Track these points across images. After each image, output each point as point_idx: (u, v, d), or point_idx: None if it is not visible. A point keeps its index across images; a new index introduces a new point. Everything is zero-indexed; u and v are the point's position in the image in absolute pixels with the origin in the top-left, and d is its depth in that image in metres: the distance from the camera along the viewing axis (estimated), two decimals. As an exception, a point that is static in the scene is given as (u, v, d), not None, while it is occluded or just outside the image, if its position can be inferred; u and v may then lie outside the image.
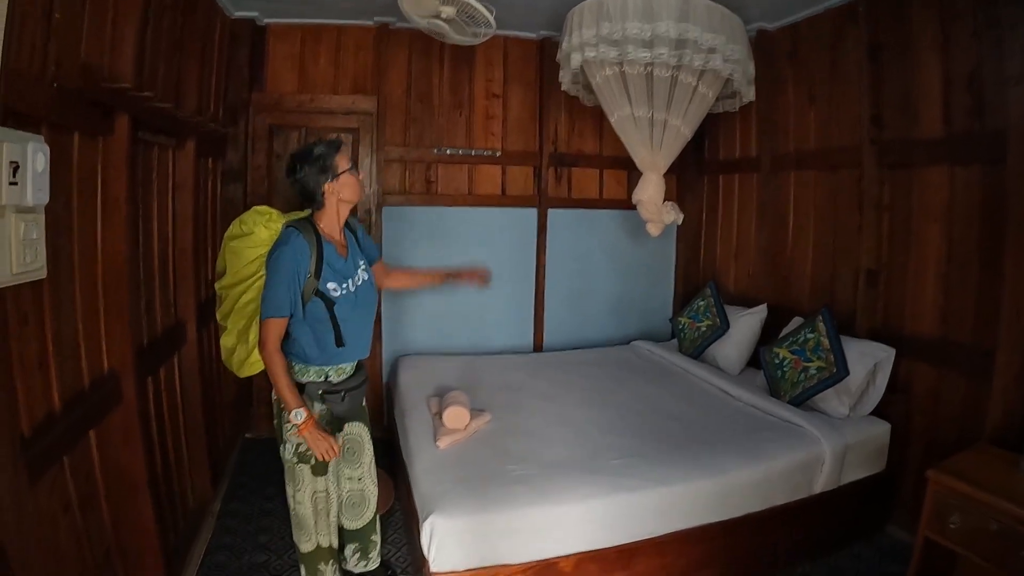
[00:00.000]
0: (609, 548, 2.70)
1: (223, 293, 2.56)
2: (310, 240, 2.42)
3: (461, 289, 4.80)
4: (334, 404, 2.55)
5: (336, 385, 2.56)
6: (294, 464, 2.56)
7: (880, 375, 3.48)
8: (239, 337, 2.58)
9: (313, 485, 2.60)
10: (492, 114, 4.94)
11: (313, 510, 2.63)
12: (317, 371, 2.53)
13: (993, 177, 3.06)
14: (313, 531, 2.66)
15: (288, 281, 2.35)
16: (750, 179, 4.86)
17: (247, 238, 2.47)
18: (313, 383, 2.52)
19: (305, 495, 2.60)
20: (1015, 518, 2.32)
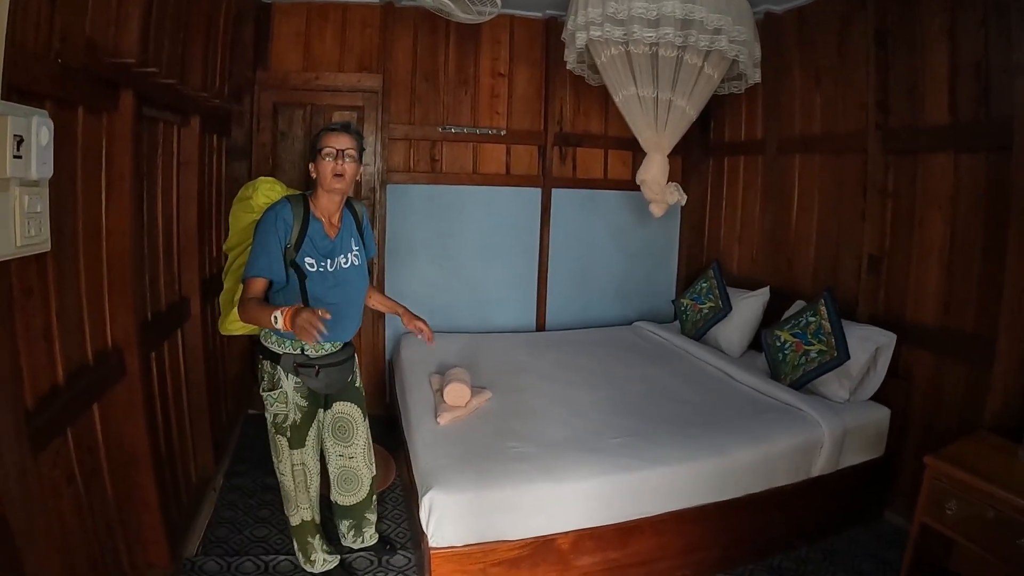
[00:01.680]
0: (607, 526, 2.73)
1: (226, 252, 2.72)
2: (297, 212, 2.45)
3: (465, 269, 4.87)
4: (307, 377, 2.54)
5: (312, 359, 2.54)
6: (273, 435, 2.63)
7: (881, 360, 3.48)
8: (230, 298, 2.68)
9: (291, 457, 2.64)
10: (497, 93, 4.91)
11: (293, 482, 2.67)
12: (293, 344, 2.53)
13: (998, 165, 3.05)
14: (296, 507, 2.72)
15: (268, 245, 2.38)
16: (755, 162, 4.84)
17: (246, 203, 2.60)
18: (288, 354, 2.52)
19: (286, 466, 2.65)
20: (1012, 507, 2.31)
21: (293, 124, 4.44)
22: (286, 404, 2.57)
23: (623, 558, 2.78)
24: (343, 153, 2.44)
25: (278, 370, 2.53)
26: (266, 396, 2.57)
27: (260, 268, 2.38)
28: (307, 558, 2.80)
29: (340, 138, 2.45)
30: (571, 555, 2.69)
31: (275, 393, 2.55)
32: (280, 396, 2.55)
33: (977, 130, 3.15)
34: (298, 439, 2.62)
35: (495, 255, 5.02)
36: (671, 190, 4.16)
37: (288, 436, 2.60)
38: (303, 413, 2.61)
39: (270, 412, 2.59)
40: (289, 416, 2.58)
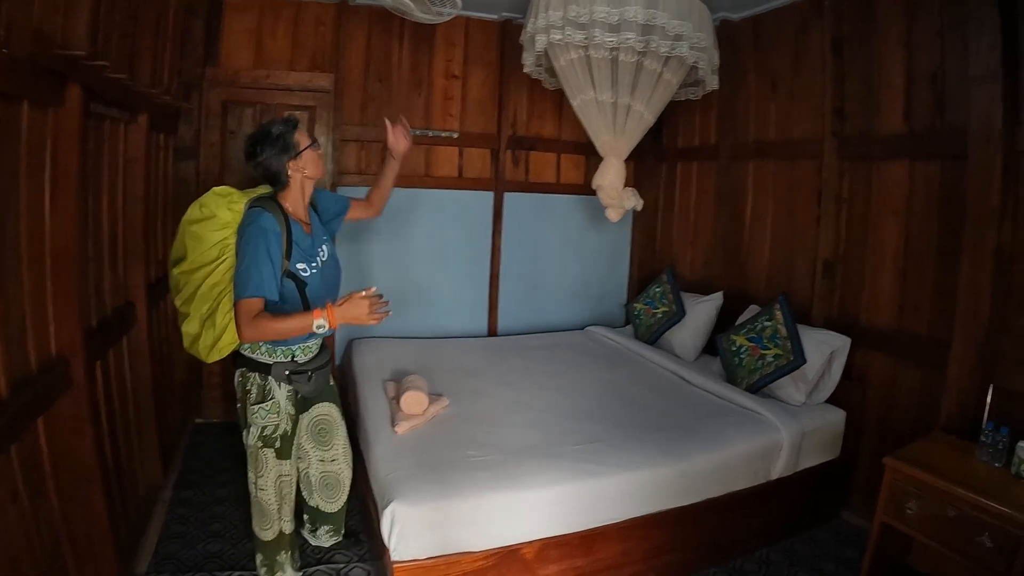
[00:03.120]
0: (571, 534, 2.70)
1: (183, 279, 2.44)
2: (279, 220, 2.39)
3: (415, 273, 4.81)
4: (300, 384, 2.54)
5: (302, 365, 2.54)
6: (258, 449, 2.50)
7: (836, 363, 3.55)
8: (203, 323, 2.44)
9: (278, 469, 2.54)
10: (451, 95, 4.88)
11: (277, 496, 2.57)
12: (284, 351, 2.50)
13: (952, 173, 3.14)
14: (276, 518, 2.60)
15: (266, 260, 2.30)
16: (708, 167, 4.90)
17: (209, 221, 2.37)
18: (280, 363, 2.49)
19: (268, 480, 2.53)
20: (972, 504, 2.39)
21: (243, 123, 4.31)
22: (278, 415, 2.49)
23: (588, 565, 2.77)
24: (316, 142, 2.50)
25: (269, 380, 2.47)
26: (256, 410, 2.46)
27: (256, 287, 2.28)
28: (272, 572, 2.67)
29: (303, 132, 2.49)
30: (536, 564, 2.66)
31: (267, 405, 2.47)
32: (272, 407, 2.48)
33: (932, 138, 3.24)
34: (286, 449, 2.55)
35: (447, 259, 4.97)
36: (628, 195, 4.18)
37: (276, 447, 2.51)
38: (292, 422, 2.56)
39: (257, 426, 2.47)
40: (280, 427, 2.50)
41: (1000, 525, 2.32)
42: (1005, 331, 2.85)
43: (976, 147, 2.88)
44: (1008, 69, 2.76)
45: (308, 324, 2.27)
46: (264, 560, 2.67)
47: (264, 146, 2.40)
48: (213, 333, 2.43)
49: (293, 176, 2.46)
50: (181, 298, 2.48)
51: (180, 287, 2.46)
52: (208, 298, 2.41)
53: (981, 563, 2.37)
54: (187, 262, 2.41)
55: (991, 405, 2.76)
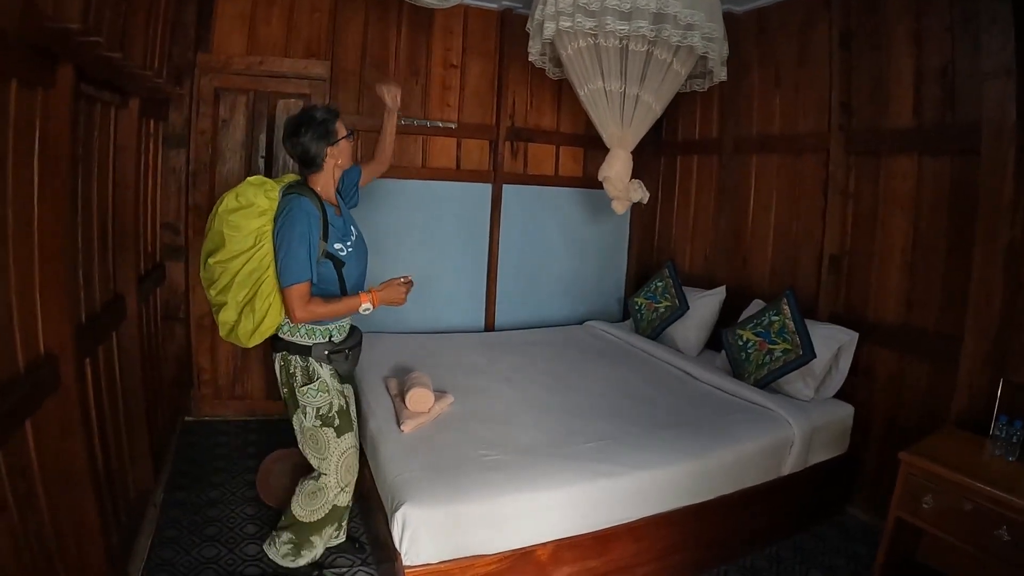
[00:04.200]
0: (585, 534, 2.58)
1: (218, 268, 2.44)
2: (315, 203, 2.44)
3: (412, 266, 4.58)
4: (339, 363, 2.57)
5: (339, 345, 2.57)
6: (317, 429, 2.51)
7: (843, 358, 3.48)
8: (241, 309, 2.47)
9: (339, 447, 2.55)
10: (449, 85, 4.70)
11: (338, 474, 2.55)
12: (323, 332, 2.53)
13: (962, 168, 3.07)
14: (332, 497, 2.57)
15: (306, 245, 2.37)
16: (710, 161, 4.80)
17: (248, 209, 2.41)
18: (319, 344, 2.51)
19: (332, 462, 2.54)
20: (989, 498, 2.34)
21: (235, 111, 4.09)
22: (328, 392, 2.52)
23: (602, 566, 2.64)
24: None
25: (310, 361, 2.50)
26: (306, 391, 2.48)
27: (302, 272, 2.35)
28: (297, 553, 2.64)
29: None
30: (550, 566, 2.53)
31: (315, 384, 2.50)
32: (321, 386, 2.50)
33: (942, 133, 3.16)
34: (347, 422, 2.59)
35: (444, 252, 4.81)
36: (634, 187, 4.04)
37: (336, 424, 2.53)
38: (344, 398, 2.61)
39: (312, 407, 2.50)
40: (334, 403, 2.53)
41: (1018, 519, 2.27)
42: (1016, 326, 2.79)
43: (988, 142, 2.80)
44: (1021, 64, 2.67)
45: (356, 306, 2.44)
46: (293, 539, 2.62)
47: (308, 128, 2.44)
48: (253, 319, 2.46)
49: (328, 162, 2.51)
50: (217, 287, 2.47)
51: (215, 277, 2.46)
52: (246, 285, 2.44)
53: (998, 557, 2.32)
54: (224, 251, 2.41)
55: (1001, 399, 2.70)
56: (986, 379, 2.83)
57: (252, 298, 2.44)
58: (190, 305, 4.08)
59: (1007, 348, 2.80)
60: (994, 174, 2.78)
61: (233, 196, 2.43)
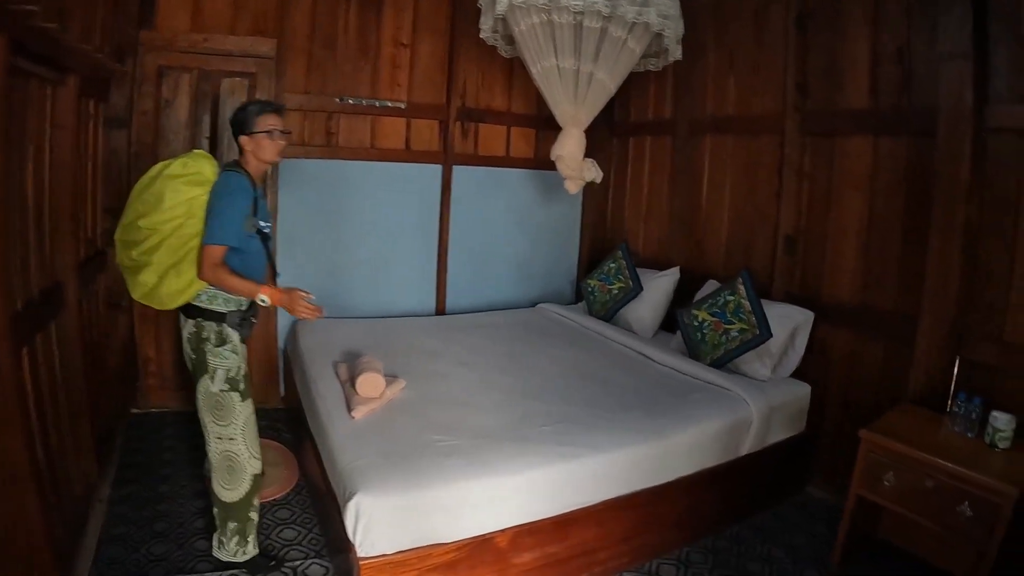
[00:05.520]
0: (545, 519, 2.53)
1: (148, 230, 2.49)
2: (249, 182, 2.56)
3: (360, 249, 4.55)
4: (244, 330, 2.65)
5: (246, 312, 2.66)
6: (224, 394, 2.56)
7: (799, 338, 3.47)
8: (164, 273, 2.53)
9: (245, 411, 2.60)
10: (399, 63, 4.56)
11: (245, 440, 2.61)
12: (236, 301, 2.61)
13: (918, 150, 3.07)
14: (247, 466, 2.60)
15: (239, 215, 2.48)
16: (663, 142, 4.76)
17: (192, 177, 2.51)
18: (234, 312, 2.60)
19: (237, 427, 2.58)
20: (951, 475, 2.38)
21: (179, 91, 3.90)
22: (238, 355, 2.60)
23: (563, 551, 2.59)
24: (283, 133, 2.62)
25: (224, 327, 2.57)
26: (218, 352, 2.56)
27: (227, 236, 2.45)
28: (244, 538, 2.64)
29: (279, 119, 2.62)
30: (510, 553, 2.46)
31: (228, 346, 2.57)
32: (232, 348, 2.58)
33: (898, 115, 3.17)
34: (248, 390, 2.65)
35: (393, 235, 4.69)
36: (588, 167, 3.99)
37: (241, 389, 2.59)
38: (246, 363, 2.68)
39: (222, 369, 2.55)
40: (242, 367, 2.61)
41: (980, 494, 2.28)
42: (972, 306, 2.82)
43: (945, 125, 2.82)
44: (978, 47, 2.70)
45: (254, 292, 2.48)
46: (237, 526, 2.62)
47: (236, 115, 2.59)
48: (178, 281, 2.53)
49: (247, 150, 2.59)
50: (141, 249, 2.51)
51: (142, 239, 2.50)
52: (175, 250, 2.51)
53: (961, 532, 2.35)
54: (158, 212, 2.46)
55: (957, 377, 2.76)
56: (943, 357, 2.87)
57: (179, 262, 2.52)
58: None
59: (963, 327, 2.83)
60: (951, 156, 2.81)
61: (181, 164, 2.53)
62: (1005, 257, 2.72)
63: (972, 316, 2.82)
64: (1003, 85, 2.70)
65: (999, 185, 2.73)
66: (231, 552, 2.63)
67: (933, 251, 2.88)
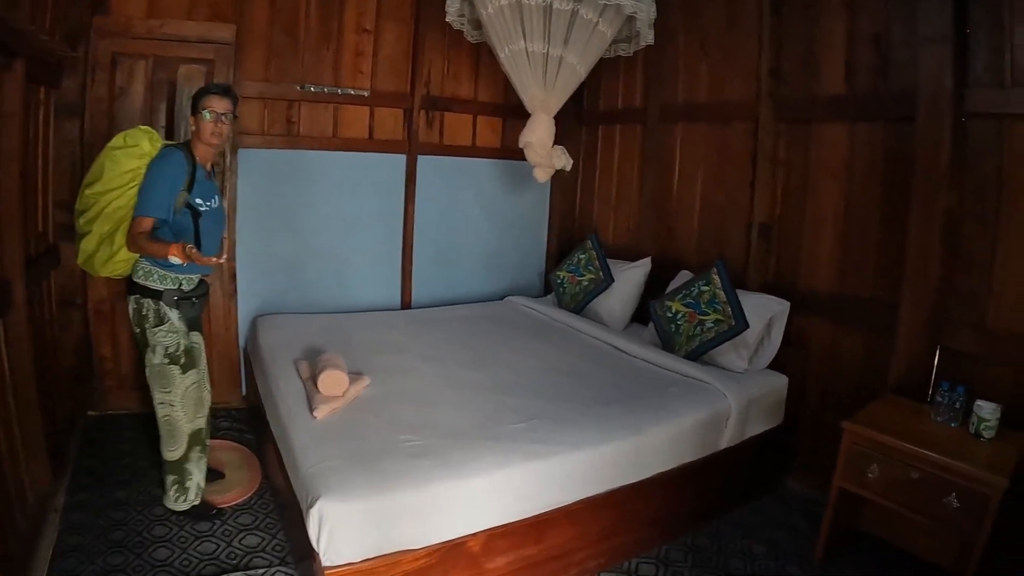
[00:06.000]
0: (519, 521, 2.41)
1: (92, 199, 2.69)
2: (187, 158, 2.67)
3: (323, 242, 4.40)
4: (186, 310, 2.77)
5: (187, 292, 2.77)
6: (164, 366, 2.72)
7: (775, 328, 3.41)
8: (101, 240, 2.72)
9: (184, 382, 2.77)
10: (362, 51, 4.40)
11: (184, 407, 2.78)
12: (173, 279, 2.72)
13: (896, 135, 3.02)
14: (185, 431, 2.80)
15: (167, 188, 2.59)
16: (633, 130, 4.66)
17: (131, 149, 2.64)
18: (170, 290, 2.71)
19: (176, 395, 2.76)
20: (937, 465, 2.33)
21: (134, 78, 3.70)
22: (177, 333, 2.72)
23: (538, 554, 2.49)
24: (222, 116, 2.68)
25: (161, 305, 2.69)
26: (155, 332, 2.69)
27: (152, 208, 2.56)
28: (183, 487, 2.83)
29: (221, 101, 2.68)
30: (483, 557, 2.35)
31: (164, 326, 2.70)
32: (170, 327, 2.71)
33: (875, 100, 3.11)
34: (191, 362, 2.79)
35: (357, 227, 4.54)
36: (557, 154, 3.89)
37: (182, 363, 2.74)
38: (189, 340, 2.80)
39: (162, 346, 2.70)
40: (181, 343, 2.74)
41: (967, 485, 2.25)
42: (953, 293, 2.77)
43: (925, 110, 2.77)
44: (958, 31, 2.65)
45: (165, 252, 2.48)
46: (177, 479, 2.83)
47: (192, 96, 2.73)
48: (110, 250, 2.72)
49: (192, 130, 2.72)
50: (86, 217, 2.72)
51: (87, 207, 2.71)
52: (112, 219, 2.68)
53: (948, 523, 2.32)
54: (100, 183, 2.66)
55: (939, 366, 2.72)
56: (924, 346, 2.82)
57: (114, 231, 2.69)
58: (87, 290, 3.71)
59: (944, 315, 2.79)
60: (930, 141, 2.76)
61: (122, 137, 2.67)
62: (986, 244, 2.68)
63: (953, 304, 2.78)
64: (982, 69, 2.65)
65: (979, 170, 2.69)
66: (172, 500, 2.84)
67: (913, 238, 2.82)
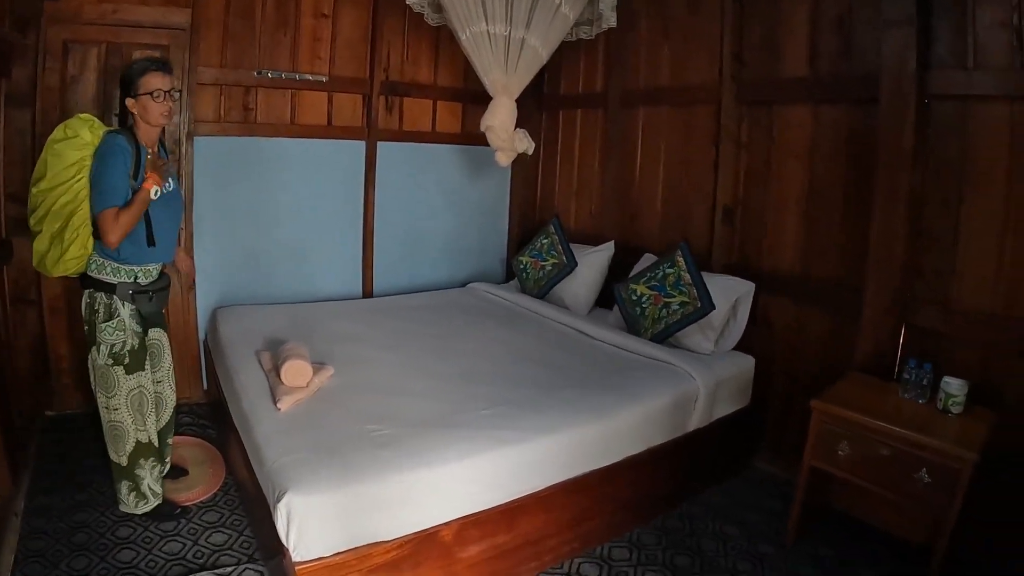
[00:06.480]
0: (491, 509, 2.38)
1: (39, 197, 2.53)
2: (131, 143, 2.51)
3: (282, 231, 4.31)
4: (142, 304, 2.65)
5: (144, 286, 2.65)
6: (108, 367, 2.60)
7: (741, 310, 3.41)
8: (52, 239, 2.55)
9: (128, 384, 2.64)
10: (320, 36, 4.28)
11: (129, 411, 2.66)
12: (128, 271, 2.60)
13: (859, 117, 3.04)
14: (131, 433, 2.68)
15: (120, 174, 2.46)
16: (594, 115, 4.63)
17: (72, 140, 2.49)
18: (124, 283, 2.60)
19: (120, 399, 2.63)
20: (908, 442, 2.36)
21: (86, 66, 3.54)
22: (124, 331, 2.61)
23: (511, 541, 2.46)
24: (169, 94, 2.55)
25: (114, 299, 2.58)
26: (103, 328, 2.57)
27: (112, 199, 2.43)
28: (139, 493, 2.72)
29: (165, 78, 2.54)
30: (455, 547, 2.31)
31: (113, 322, 2.58)
32: (119, 324, 2.59)
33: (838, 82, 3.13)
34: (136, 363, 2.66)
35: (317, 215, 4.45)
36: (519, 137, 3.85)
37: (126, 363, 2.62)
38: (139, 339, 2.68)
39: (106, 344, 2.59)
40: (127, 342, 2.62)
41: (938, 461, 2.27)
42: (918, 272, 2.80)
43: (888, 92, 2.79)
44: (921, 13, 2.66)
45: (147, 195, 2.46)
46: (129, 485, 2.71)
47: (122, 77, 2.55)
48: (60, 248, 2.54)
49: (134, 113, 2.55)
50: (36, 217, 2.56)
51: (36, 205, 2.55)
52: (60, 216, 2.51)
53: (920, 499, 2.34)
54: (45, 180, 2.49)
55: (904, 344, 2.74)
56: (889, 325, 2.86)
57: (63, 228, 2.52)
58: (41, 287, 3.58)
59: (909, 294, 2.83)
60: (894, 123, 2.79)
61: (63, 128, 2.50)
62: (949, 224, 2.71)
63: (918, 283, 2.82)
64: (945, 51, 2.68)
65: (942, 152, 2.72)
66: (131, 505, 2.73)
67: (877, 218, 2.84)
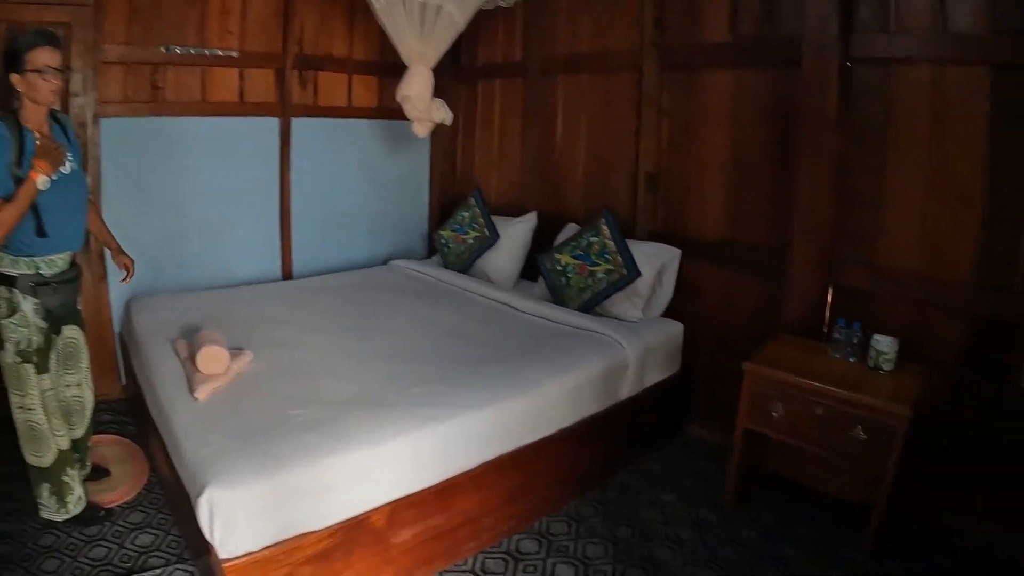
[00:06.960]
0: (424, 490, 2.30)
1: None
2: (11, 127, 2.34)
3: (195, 214, 4.06)
4: (46, 296, 2.48)
5: (48, 278, 2.48)
6: (17, 365, 2.45)
7: (667, 276, 3.41)
8: None
9: (40, 384, 2.49)
10: (229, 8, 4.00)
11: (45, 412, 2.51)
12: (28, 263, 2.43)
13: (782, 81, 3.05)
14: (51, 436, 2.53)
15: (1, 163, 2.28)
16: (513, 84, 4.54)
17: None
18: (24, 275, 2.43)
19: (35, 398, 2.49)
20: (841, 400, 2.37)
21: None
22: (28, 327, 2.45)
23: (446, 522, 2.38)
24: (58, 70, 2.38)
25: (15, 293, 2.42)
26: (5, 324, 2.42)
27: None
28: (62, 500, 2.56)
29: (53, 53, 2.37)
30: (389, 531, 2.22)
31: (15, 318, 2.43)
32: (21, 320, 2.43)
33: (760, 47, 3.14)
34: (44, 363, 2.51)
35: (232, 196, 4.21)
36: (437, 107, 3.74)
37: (35, 361, 2.47)
38: (44, 336, 2.51)
39: (11, 341, 2.43)
40: (33, 340, 2.46)
41: (873, 417, 2.30)
42: (844, 233, 2.85)
43: (811, 56, 2.82)
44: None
45: (33, 187, 2.26)
46: (52, 488, 2.55)
47: (5, 52, 2.37)
48: None
49: (19, 91, 2.37)
50: None
51: None
52: None
53: (857, 457, 2.39)
54: None
55: (832, 305, 2.78)
56: (817, 285, 2.91)
57: None
58: None
59: (836, 255, 2.87)
60: (817, 86, 2.82)
61: None
62: (874, 184, 2.77)
63: (845, 243, 2.86)
64: (868, 15, 2.71)
65: (865, 114, 2.78)
66: (53, 511, 2.57)
67: (803, 180, 2.89)
